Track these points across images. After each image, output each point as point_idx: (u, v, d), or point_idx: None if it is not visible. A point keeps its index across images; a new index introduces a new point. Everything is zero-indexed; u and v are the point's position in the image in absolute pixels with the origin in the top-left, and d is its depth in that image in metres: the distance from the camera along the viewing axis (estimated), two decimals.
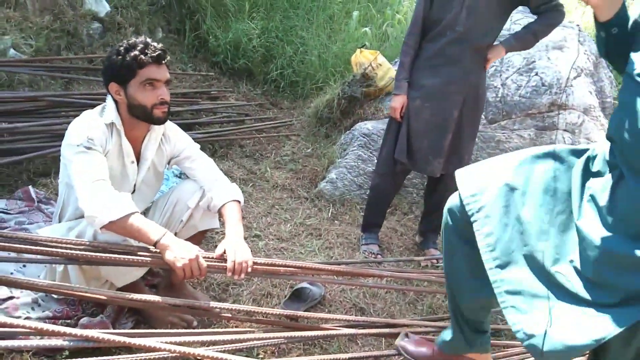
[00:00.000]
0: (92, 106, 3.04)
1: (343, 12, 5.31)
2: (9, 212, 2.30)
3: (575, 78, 3.42)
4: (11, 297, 1.81)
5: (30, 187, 2.47)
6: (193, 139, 2.12)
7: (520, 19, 3.60)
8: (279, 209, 3.17)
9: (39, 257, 1.64)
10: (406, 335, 1.83)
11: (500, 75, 3.42)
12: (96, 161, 1.70)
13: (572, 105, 3.32)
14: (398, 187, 2.87)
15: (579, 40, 3.77)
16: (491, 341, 2.05)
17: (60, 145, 2.58)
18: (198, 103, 3.87)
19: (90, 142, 1.70)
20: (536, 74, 3.38)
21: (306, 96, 4.77)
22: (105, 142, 1.77)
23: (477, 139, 3.38)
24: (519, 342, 2.06)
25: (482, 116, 3.45)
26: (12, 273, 1.93)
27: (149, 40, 1.79)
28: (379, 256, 2.74)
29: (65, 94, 3.00)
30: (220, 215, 1.94)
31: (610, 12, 1.24)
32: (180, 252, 1.61)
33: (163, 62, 1.79)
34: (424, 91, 2.51)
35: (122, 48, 1.75)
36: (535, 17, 2.46)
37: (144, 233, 1.62)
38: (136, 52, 1.73)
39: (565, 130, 3.31)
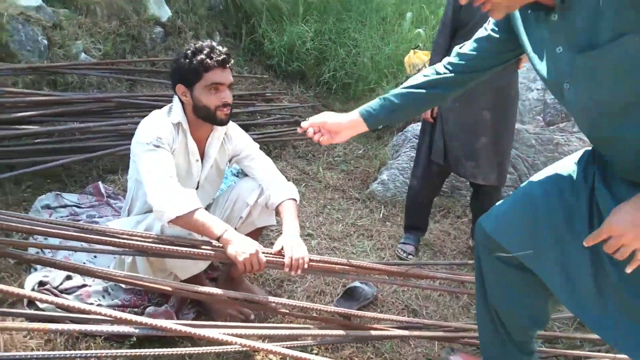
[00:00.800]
0: (156, 107, 3.21)
1: (396, 14, 5.30)
2: (80, 206, 2.46)
3: None
4: (84, 285, 1.95)
5: (99, 182, 2.63)
6: None
7: None
8: (331, 209, 3.21)
9: (109, 248, 1.75)
10: (452, 349, 1.84)
11: None
12: (164, 159, 1.79)
13: None
14: (436, 190, 2.83)
15: None
16: (550, 349, 2.01)
17: (127, 144, 2.73)
18: (254, 105, 3.97)
19: (158, 141, 1.80)
20: None
21: (358, 98, 4.79)
22: (172, 140, 1.87)
23: (534, 142, 3.31)
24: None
25: (540, 118, 3.39)
26: (84, 263, 2.06)
27: (214, 44, 1.87)
28: (410, 256, 2.73)
29: (130, 96, 3.17)
30: (277, 212, 2.01)
31: (362, 129, 1.61)
32: (241, 247, 1.68)
33: (227, 65, 1.87)
34: None
35: (189, 51, 1.84)
36: None
37: (207, 228, 1.70)
38: (202, 56, 1.81)
39: None
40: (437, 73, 1.52)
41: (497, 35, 1.40)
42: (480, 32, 1.46)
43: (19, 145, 2.57)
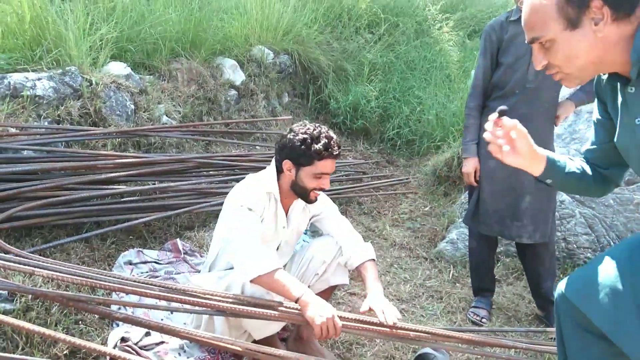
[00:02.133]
0: (230, 167, 3.39)
1: (461, 71, 5.36)
2: (159, 262, 2.58)
3: None
4: (162, 342, 2.01)
5: (177, 239, 2.75)
6: None
7: None
8: (398, 268, 3.18)
9: (188, 307, 1.82)
10: None
11: None
12: (252, 221, 1.88)
13: None
14: (494, 250, 2.77)
15: None
16: None
17: (203, 202, 2.86)
18: None
19: (252, 206, 1.90)
20: None
21: (423, 154, 4.81)
22: (263, 209, 1.97)
23: (612, 202, 3.16)
24: None
25: None
26: (162, 319, 2.14)
27: (331, 134, 1.96)
28: (484, 320, 2.62)
29: (207, 156, 3.35)
30: (358, 273, 2.05)
31: (538, 167, 1.44)
32: (319, 310, 1.69)
33: (338, 157, 1.98)
34: None
35: (307, 137, 1.90)
36: None
37: (287, 289, 1.73)
38: (320, 147, 1.89)
39: None
40: (584, 169, 1.48)
41: (603, 120, 1.38)
42: (593, 126, 1.45)
43: (106, 204, 2.76)
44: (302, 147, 1.89)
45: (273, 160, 2.05)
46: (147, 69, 3.80)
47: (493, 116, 1.35)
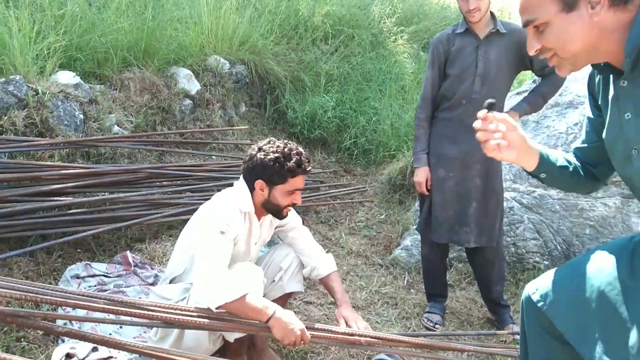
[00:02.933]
0: (184, 177, 3.33)
1: (415, 82, 5.48)
2: (108, 275, 2.50)
3: None
4: (110, 357, 1.95)
5: (128, 252, 2.68)
6: None
7: None
8: (354, 276, 3.20)
9: (136, 319, 1.77)
10: None
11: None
12: (224, 248, 1.85)
13: None
14: (445, 256, 2.85)
15: None
16: None
17: (154, 213, 2.81)
18: None
19: (226, 228, 1.87)
20: None
21: (379, 163, 4.88)
22: (238, 229, 1.94)
23: (558, 207, 3.29)
24: None
25: None
26: (110, 334, 2.08)
27: (300, 149, 1.97)
28: (438, 325, 2.68)
29: (160, 166, 3.29)
30: (324, 284, 2.16)
31: (531, 162, 1.37)
32: (287, 330, 1.72)
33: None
34: (446, 161, 2.56)
35: (279, 156, 1.90)
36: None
37: (256, 313, 1.73)
38: (293, 164, 1.90)
39: None
40: (575, 165, 1.45)
41: (594, 117, 1.37)
42: (584, 123, 1.44)
43: (52, 216, 2.66)
44: (275, 165, 1.89)
45: (241, 178, 2.03)
46: (97, 78, 3.71)
47: (482, 112, 1.29)
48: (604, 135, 1.28)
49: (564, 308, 1.37)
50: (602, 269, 1.32)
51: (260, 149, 1.95)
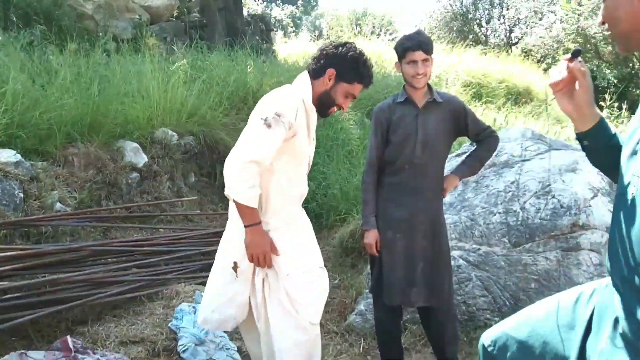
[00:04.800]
0: (130, 252, 3.25)
1: (361, 147, 5.67)
2: None
3: (592, 198, 3.50)
4: None
5: (68, 337, 2.53)
6: None
7: None
8: None
9: None
10: None
11: (519, 199, 3.53)
12: (271, 140, 1.89)
13: (594, 224, 3.35)
14: (399, 318, 2.82)
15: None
16: None
17: (98, 293, 2.71)
18: None
19: (273, 117, 1.89)
20: (553, 197, 3.47)
21: (330, 227, 4.92)
22: (296, 115, 1.96)
23: (503, 263, 3.40)
24: None
25: (506, 240, 3.51)
26: None
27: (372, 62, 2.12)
28: None
29: (104, 243, 3.20)
30: None
31: (585, 124, 1.36)
32: (254, 244, 1.94)
33: None
34: (393, 223, 2.61)
35: (360, 57, 2.04)
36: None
37: (246, 213, 1.92)
38: (365, 71, 2.05)
39: (591, 250, 3.31)
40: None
41: None
42: None
43: None
44: (354, 64, 2.01)
45: (304, 72, 2.11)
46: (40, 155, 3.65)
47: (566, 56, 1.34)
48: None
49: (511, 353, 1.43)
50: (547, 317, 1.41)
51: (344, 45, 2.05)
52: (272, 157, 1.92)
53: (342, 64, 2.02)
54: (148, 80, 4.60)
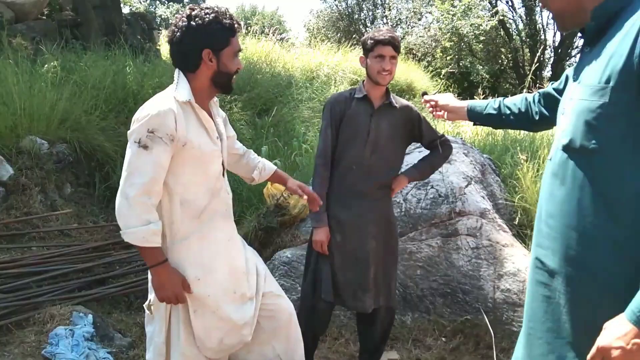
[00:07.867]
0: None
1: (253, 147, 5.60)
2: None
3: (467, 186, 3.76)
4: None
5: None
6: (105, 294, 2.09)
7: None
8: None
9: None
10: None
11: (401, 191, 3.69)
12: (140, 162, 1.69)
13: (469, 211, 3.61)
14: (324, 328, 2.73)
15: (464, 153, 4.21)
16: None
17: None
18: (111, 255, 3.75)
19: (147, 136, 1.68)
20: (432, 187, 3.69)
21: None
22: (175, 124, 1.71)
23: None
24: None
25: None
26: None
27: (224, 8, 1.82)
28: None
29: None
30: (274, 179, 2.28)
31: (465, 116, 2.03)
32: (162, 284, 1.76)
33: None
34: (341, 225, 2.53)
35: (216, 15, 1.76)
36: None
37: (149, 252, 1.75)
38: (230, 22, 1.79)
39: (468, 235, 3.55)
40: (530, 105, 1.78)
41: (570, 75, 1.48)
42: (564, 74, 1.59)
43: None
44: (218, 26, 1.76)
45: (177, 71, 1.84)
46: None
47: (423, 98, 2.24)
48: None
49: None
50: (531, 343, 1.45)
51: (191, 18, 1.75)
52: (162, 180, 1.71)
53: (209, 37, 1.76)
54: (8, 85, 4.15)
